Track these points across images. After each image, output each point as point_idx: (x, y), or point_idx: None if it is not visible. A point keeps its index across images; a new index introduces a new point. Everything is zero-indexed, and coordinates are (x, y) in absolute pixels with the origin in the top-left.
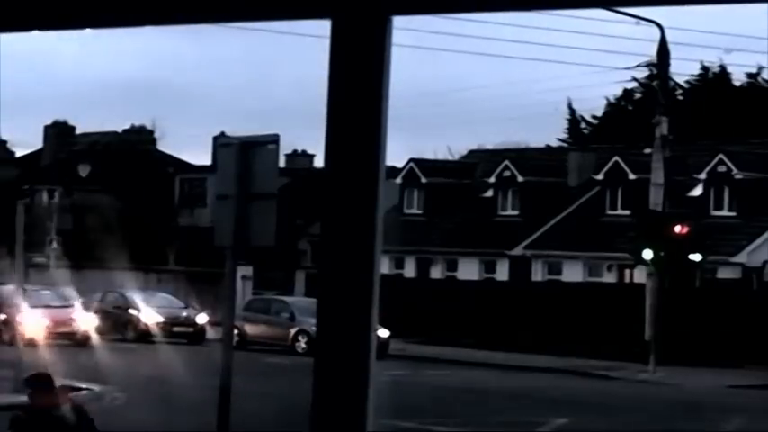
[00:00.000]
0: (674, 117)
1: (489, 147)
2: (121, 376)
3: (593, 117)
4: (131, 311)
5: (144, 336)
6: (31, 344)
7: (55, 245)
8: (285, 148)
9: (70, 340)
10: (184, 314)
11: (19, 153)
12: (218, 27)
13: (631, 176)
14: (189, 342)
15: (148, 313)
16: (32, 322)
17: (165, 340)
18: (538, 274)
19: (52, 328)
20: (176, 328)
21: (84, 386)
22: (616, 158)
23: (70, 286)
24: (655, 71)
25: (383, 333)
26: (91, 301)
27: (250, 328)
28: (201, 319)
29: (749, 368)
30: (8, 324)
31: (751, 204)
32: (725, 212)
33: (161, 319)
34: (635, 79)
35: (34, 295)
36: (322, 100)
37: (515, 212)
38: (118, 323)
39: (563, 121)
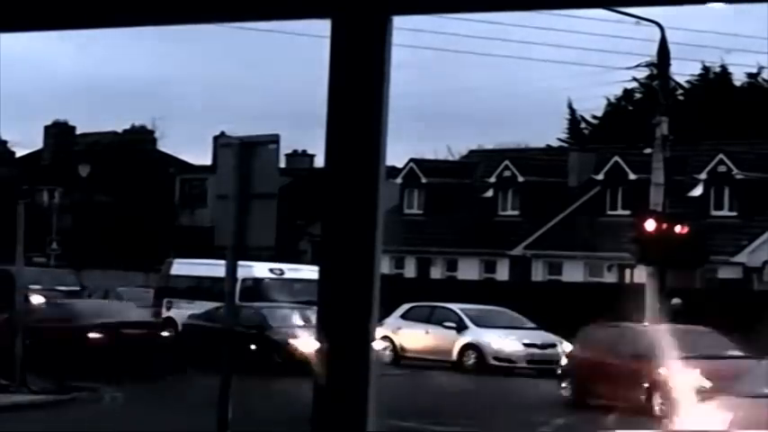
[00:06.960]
0: (674, 117)
1: (489, 147)
2: None
3: (594, 117)
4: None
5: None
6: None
7: (55, 245)
8: (285, 148)
9: None
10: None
11: (19, 153)
12: (219, 27)
13: (631, 176)
14: None
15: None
16: (685, 381)
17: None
18: (538, 274)
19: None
20: None
21: None
22: (616, 158)
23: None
24: (655, 71)
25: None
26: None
27: (407, 340)
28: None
29: None
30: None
31: (751, 204)
32: (725, 212)
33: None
34: (635, 79)
35: (681, 338)
36: (322, 100)
37: (515, 212)
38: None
39: (563, 121)
